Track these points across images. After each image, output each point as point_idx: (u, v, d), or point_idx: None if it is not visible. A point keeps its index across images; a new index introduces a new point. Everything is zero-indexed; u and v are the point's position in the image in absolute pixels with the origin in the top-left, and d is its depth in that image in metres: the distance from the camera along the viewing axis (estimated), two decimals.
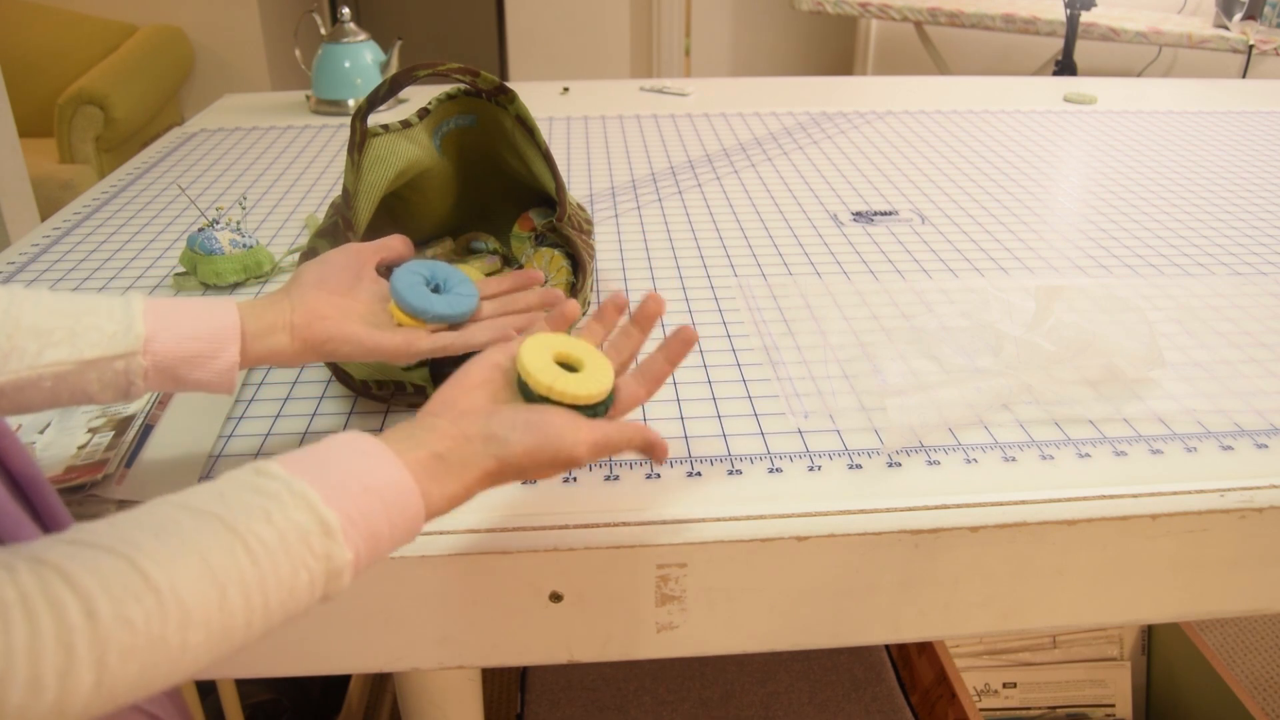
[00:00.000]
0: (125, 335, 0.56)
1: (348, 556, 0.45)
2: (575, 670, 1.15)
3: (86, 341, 0.55)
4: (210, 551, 0.41)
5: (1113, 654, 1.40)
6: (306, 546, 0.44)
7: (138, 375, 0.56)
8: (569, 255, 0.84)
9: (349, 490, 0.46)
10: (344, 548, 0.45)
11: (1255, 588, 0.68)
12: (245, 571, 0.41)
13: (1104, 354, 0.77)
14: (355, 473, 0.47)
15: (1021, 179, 1.28)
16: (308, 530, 0.44)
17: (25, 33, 3.04)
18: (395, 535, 0.48)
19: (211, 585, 0.40)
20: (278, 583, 0.42)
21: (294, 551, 0.43)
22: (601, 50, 3.62)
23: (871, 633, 0.67)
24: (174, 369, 0.57)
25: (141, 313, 0.57)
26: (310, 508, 0.44)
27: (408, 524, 0.48)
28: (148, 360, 0.56)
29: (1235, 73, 2.89)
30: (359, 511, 0.46)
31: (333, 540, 0.44)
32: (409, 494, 0.48)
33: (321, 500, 0.45)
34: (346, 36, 1.60)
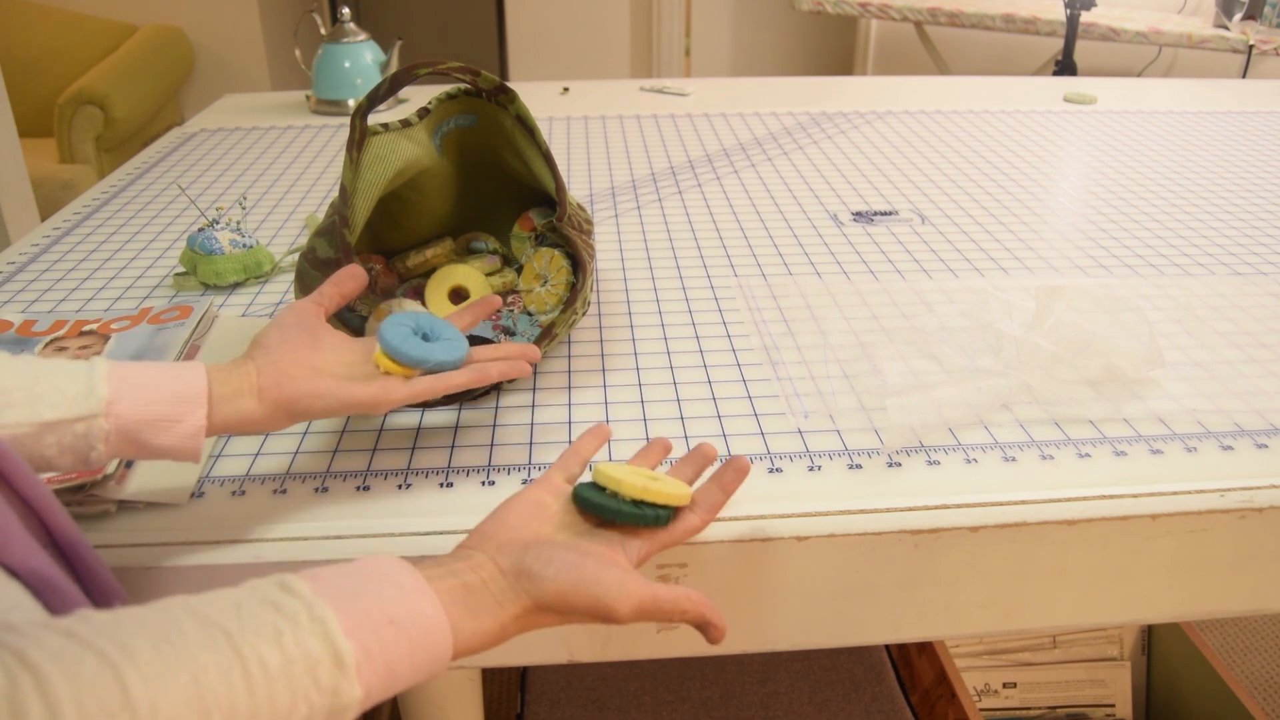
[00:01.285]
0: (87, 397, 0.53)
1: (357, 694, 0.42)
2: (575, 670, 1.15)
3: (46, 403, 0.52)
4: (205, 671, 0.38)
5: (1113, 654, 1.40)
6: (312, 678, 0.40)
7: (99, 439, 0.54)
8: (569, 255, 0.84)
9: (373, 621, 0.43)
10: (355, 684, 0.42)
11: (1255, 588, 0.68)
12: (238, 699, 0.38)
13: (1104, 354, 0.77)
14: (384, 603, 0.44)
15: (1021, 179, 1.28)
16: (318, 660, 0.41)
17: (25, 33, 3.04)
18: (416, 673, 0.45)
19: (196, 711, 0.37)
20: (271, 714, 0.39)
21: (298, 682, 0.40)
22: (601, 50, 3.62)
23: (871, 633, 0.67)
24: (136, 433, 0.55)
25: (105, 375, 0.54)
26: (326, 635, 0.41)
27: (432, 663, 0.45)
28: (110, 423, 0.54)
29: (1235, 73, 2.89)
30: (379, 646, 0.43)
31: (343, 674, 0.41)
32: (438, 633, 0.45)
33: (341, 630, 0.42)
34: (346, 36, 1.60)
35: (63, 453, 0.54)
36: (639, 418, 0.74)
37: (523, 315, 0.86)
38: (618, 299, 0.94)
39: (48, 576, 0.45)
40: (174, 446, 0.56)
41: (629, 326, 0.88)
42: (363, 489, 0.66)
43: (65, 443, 0.53)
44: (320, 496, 0.65)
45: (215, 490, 0.66)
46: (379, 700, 0.44)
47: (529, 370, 0.66)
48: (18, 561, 0.44)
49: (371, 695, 0.43)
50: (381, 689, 0.43)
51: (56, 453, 0.53)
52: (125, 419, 0.54)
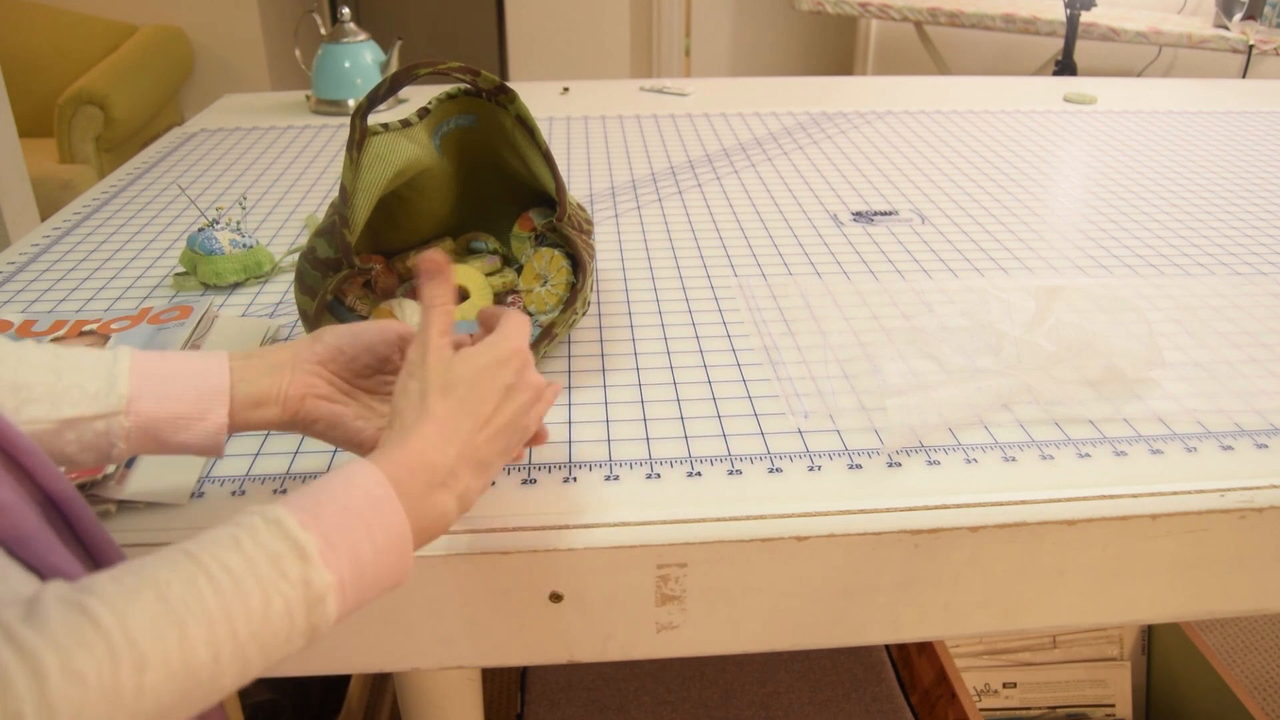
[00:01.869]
0: (107, 394, 0.53)
1: (328, 579, 0.43)
2: (575, 670, 1.15)
3: (66, 400, 0.52)
4: (168, 585, 0.39)
5: (1113, 654, 1.40)
6: (279, 572, 0.41)
7: (119, 437, 0.53)
8: (569, 255, 0.84)
9: (327, 510, 0.44)
10: (323, 570, 0.42)
11: (1255, 588, 0.68)
12: (209, 603, 0.39)
13: (1104, 354, 0.77)
14: (333, 493, 0.45)
15: (1021, 179, 1.28)
16: (279, 555, 0.41)
17: (25, 33, 3.03)
18: (379, 555, 0.46)
19: (169, 622, 0.38)
20: (247, 612, 0.40)
21: (264, 577, 0.41)
22: (601, 50, 3.62)
23: (871, 633, 0.67)
24: (157, 431, 0.54)
25: (127, 371, 0.54)
26: (283, 533, 0.42)
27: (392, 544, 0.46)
28: (130, 421, 0.53)
29: (1235, 73, 2.89)
30: (339, 532, 0.44)
31: (309, 564, 0.42)
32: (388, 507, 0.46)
33: (297, 524, 0.43)
34: (346, 36, 1.60)
35: (83, 449, 0.54)
36: (639, 418, 0.74)
37: None
38: (618, 299, 0.94)
39: (68, 573, 0.45)
40: (196, 444, 0.56)
41: (629, 326, 0.88)
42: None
43: (86, 440, 0.53)
44: None
45: (215, 490, 0.66)
46: (355, 594, 0.45)
47: None
48: (37, 558, 0.44)
49: (345, 583, 0.44)
50: (353, 577, 0.44)
51: (77, 449, 0.53)
52: (146, 417, 0.54)
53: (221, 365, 0.57)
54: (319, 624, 0.43)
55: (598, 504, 0.64)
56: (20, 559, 0.44)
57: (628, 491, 0.66)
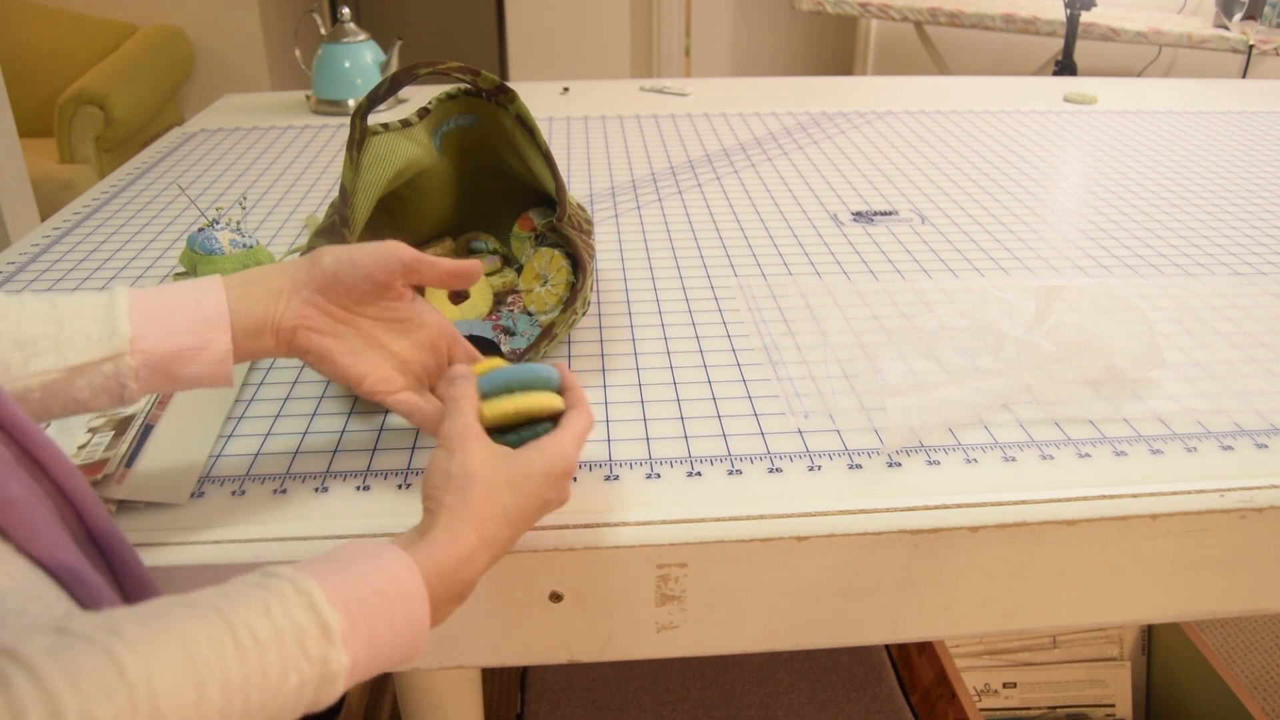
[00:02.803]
0: (110, 337, 0.53)
1: (345, 662, 0.43)
2: (575, 670, 1.15)
3: (72, 348, 0.53)
4: (196, 643, 0.39)
5: (1113, 654, 1.40)
6: (301, 647, 0.41)
7: (129, 377, 0.54)
8: (569, 255, 0.84)
9: (356, 592, 0.44)
10: (342, 653, 0.43)
11: (1255, 588, 0.68)
12: (230, 668, 0.39)
13: (1104, 354, 0.77)
14: (364, 574, 0.45)
15: (1021, 179, 1.28)
16: (305, 630, 0.42)
17: (25, 33, 3.04)
18: (396, 643, 0.46)
19: (191, 682, 0.38)
20: (264, 684, 0.40)
21: (287, 651, 0.41)
22: (601, 50, 3.63)
23: (871, 633, 0.67)
24: (165, 365, 0.55)
25: (126, 311, 0.54)
26: (312, 606, 0.42)
27: (410, 631, 0.46)
28: (136, 360, 0.54)
29: (1235, 73, 2.89)
30: (362, 614, 0.44)
31: (331, 643, 0.42)
32: (415, 597, 0.47)
33: (326, 600, 0.43)
34: (346, 36, 1.60)
35: (95, 394, 0.54)
36: (639, 418, 0.74)
37: (523, 315, 0.86)
38: (618, 299, 0.94)
39: (76, 569, 0.45)
40: (204, 374, 0.56)
41: (629, 326, 0.88)
42: (363, 489, 0.66)
43: (96, 384, 0.53)
44: (320, 496, 0.65)
45: (215, 490, 0.66)
46: (364, 673, 0.45)
47: None
48: (45, 553, 0.44)
49: (357, 665, 0.44)
50: (366, 660, 0.44)
51: (89, 395, 0.54)
52: (151, 354, 0.54)
53: (218, 293, 0.57)
54: (322, 699, 0.43)
55: (598, 504, 0.64)
56: (28, 554, 0.44)
57: (628, 491, 0.66)
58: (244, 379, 0.79)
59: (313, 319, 0.59)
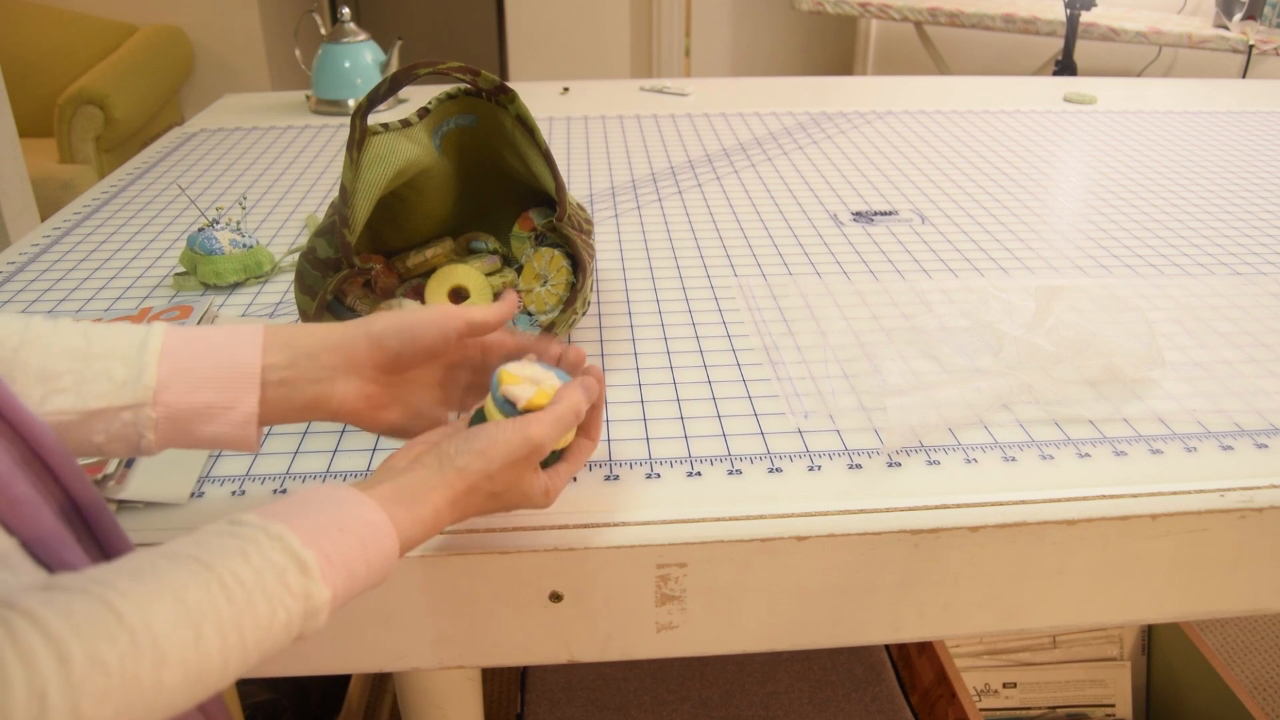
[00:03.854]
0: (134, 385, 0.51)
1: (325, 595, 0.45)
2: (575, 670, 1.15)
3: (93, 390, 0.51)
4: (186, 590, 0.40)
5: (1113, 654, 1.40)
6: (284, 585, 0.43)
7: (148, 428, 0.52)
8: (569, 255, 0.84)
9: (325, 530, 0.46)
10: (322, 586, 0.45)
11: (1255, 588, 0.68)
12: (221, 610, 0.41)
13: (1104, 354, 0.77)
14: (328, 514, 0.47)
15: (1021, 179, 1.28)
16: (284, 569, 0.44)
17: (25, 33, 3.03)
18: (371, 572, 0.48)
19: (187, 624, 0.39)
20: (254, 621, 0.42)
21: (271, 590, 0.43)
22: (601, 50, 3.62)
23: (871, 633, 0.67)
24: (186, 422, 0.53)
25: (157, 354, 0.52)
26: (287, 548, 0.44)
27: (383, 560, 0.49)
28: (158, 412, 0.52)
29: (1235, 73, 2.89)
30: (335, 550, 0.46)
31: (310, 579, 0.44)
32: (382, 529, 0.49)
33: (299, 541, 0.45)
34: (346, 36, 1.60)
35: (111, 440, 0.52)
36: (639, 418, 0.74)
37: (523, 315, 0.86)
38: (618, 299, 0.94)
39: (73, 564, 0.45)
40: (226, 436, 0.54)
41: (629, 326, 0.88)
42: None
43: (113, 430, 0.52)
44: None
45: (215, 490, 0.66)
46: (344, 603, 0.47)
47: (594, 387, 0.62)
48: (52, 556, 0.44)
49: (337, 596, 0.46)
50: (345, 590, 0.47)
51: (104, 440, 0.52)
52: (173, 408, 0.52)
53: (253, 348, 0.55)
54: (309, 632, 0.45)
55: (598, 504, 0.64)
56: (35, 556, 0.44)
57: (628, 491, 0.66)
58: None
59: (377, 398, 0.59)
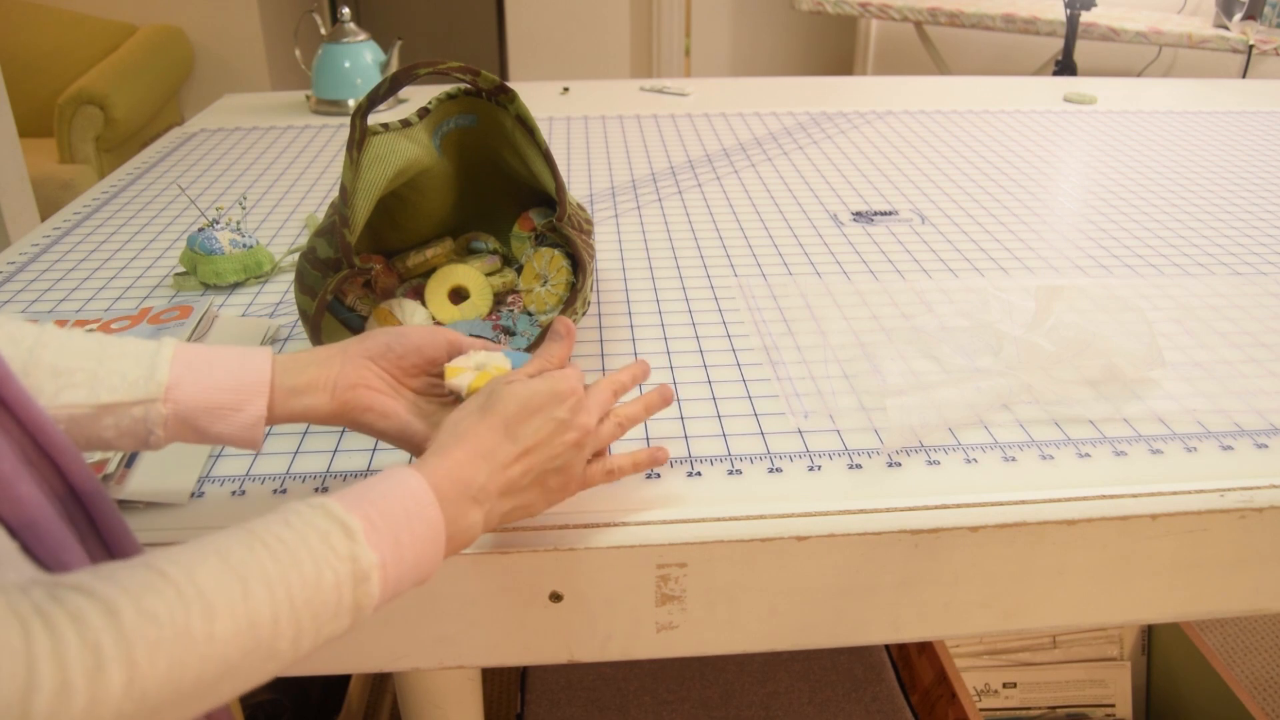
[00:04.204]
0: (146, 381, 0.54)
1: (373, 558, 0.45)
2: (575, 670, 1.15)
3: (106, 386, 0.53)
4: (229, 549, 0.41)
5: (1113, 654, 1.40)
6: (329, 546, 0.43)
7: (157, 424, 0.54)
8: (569, 255, 0.84)
9: (367, 498, 0.47)
10: (368, 549, 0.45)
11: (1255, 588, 0.68)
12: (267, 566, 0.41)
13: (1104, 354, 0.77)
14: (372, 485, 0.48)
15: (1021, 179, 1.28)
16: (327, 531, 0.44)
17: (25, 33, 3.03)
18: (417, 543, 0.48)
19: (233, 579, 0.40)
20: (301, 578, 0.42)
21: (316, 550, 0.43)
22: (601, 50, 3.62)
23: (871, 633, 0.67)
24: (195, 420, 0.55)
25: (169, 359, 0.55)
26: (329, 514, 0.45)
27: (429, 531, 0.48)
28: (168, 408, 0.54)
29: (1235, 73, 2.89)
30: (380, 516, 0.46)
31: (355, 541, 0.44)
32: (425, 498, 0.49)
33: (342, 508, 0.45)
34: (346, 36, 1.60)
35: (121, 435, 0.54)
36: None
37: (523, 315, 0.86)
38: (618, 299, 0.94)
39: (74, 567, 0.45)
40: (233, 435, 0.56)
41: (629, 326, 0.88)
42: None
43: (123, 425, 0.54)
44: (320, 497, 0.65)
45: (215, 490, 0.66)
46: (395, 578, 0.46)
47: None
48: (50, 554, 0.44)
49: (387, 564, 0.45)
50: (394, 560, 0.46)
51: (114, 435, 0.54)
52: (184, 405, 0.55)
53: (264, 359, 0.58)
54: (364, 602, 0.45)
55: (598, 504, 0.64)
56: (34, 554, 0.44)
57: (628, 491, 0.66)
58: None
59: (371, 380, 0.60)
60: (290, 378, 0.58)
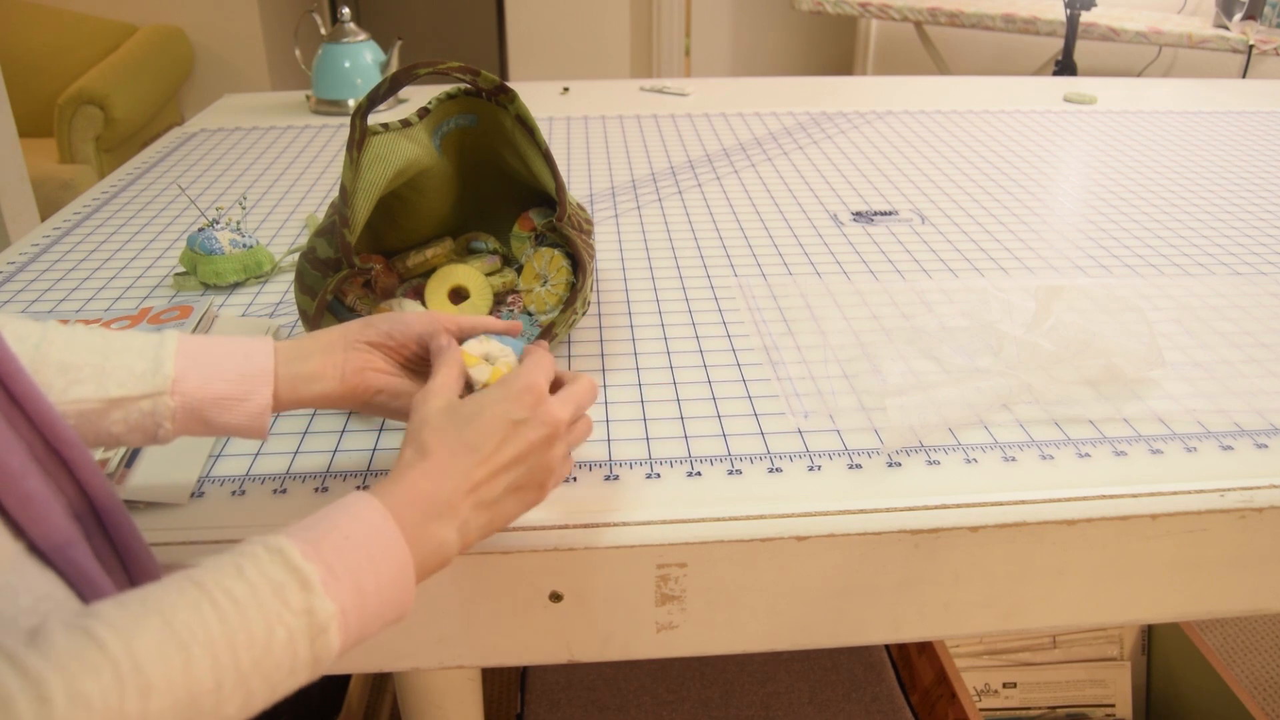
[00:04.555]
0: (153, 375, 0.54)
1: (331, 609, 0.42)
2: (575, 670, 1.15)
3: (113, 380, 0.54)
4: (174, 611, 0.39)
5: (1113, 654, 1.40)
6: (282, 601, 0.41)
7: (165, 417, 0.55)
8: (569, 255, 0.84)
9: (329, 540, 0.44)
10: (326, 600, 0.42)
11: (1255, 588, 0.68)
12: (212, 629, 0.39)
13: (1104, 354, 0.77)
14: (335, 524, 0.46)
15: (1021, 179, 1.28)
16: (283, 584, 0.42)
17: (25, 33, 3.03)
18: (382, 589, 0.45)
19: (174, 647, 0.38)
20: (249, 640, 0.40)
21: (267, 606, 0.41)
22: (601, 50, 3.62)
23: (871, 633, 0.67)
24: (203, 411, 0.56)
25: (174, 353, 0.55)
26: (286, 562, 0.42)
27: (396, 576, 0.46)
28: (175, 401, 0.55)
29: (1235, 73, 2.89)
30: (340, 561, 0.44)
31: (312, 593, 0.42)
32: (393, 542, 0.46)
33: (300, 555, 0.43)
34: (346, 36, 1.60)
35: (130, 430, 0.55)
36: (639, 418, 0.74)
37: (523, 315, 0.86)
38: (618, 299, 0.94)
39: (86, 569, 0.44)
40: (240, 425, 0.57)
41: (629, 326, 0.88)
42: (363, 489, 0.66)
43: (132, 420, 0.54)
44: (320, 496, 0.65)
45: (215, 490, 0.66)
46: (359, 624, 0.44)
47: None
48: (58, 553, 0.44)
49: (347, 612, 0.43)
50: (355, 606, 0.44)
51: (124, 429, 0.54)
52: (191, 397, 0.55)
53: (266, 348, 0.58)
54: (322, 655, 0.43)
55: (598, 504, 0.64)
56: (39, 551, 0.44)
57: (628, 491, 0.66)
58: None
59: (377, 363, 0.61)
60: (296, 365, 0.58)
